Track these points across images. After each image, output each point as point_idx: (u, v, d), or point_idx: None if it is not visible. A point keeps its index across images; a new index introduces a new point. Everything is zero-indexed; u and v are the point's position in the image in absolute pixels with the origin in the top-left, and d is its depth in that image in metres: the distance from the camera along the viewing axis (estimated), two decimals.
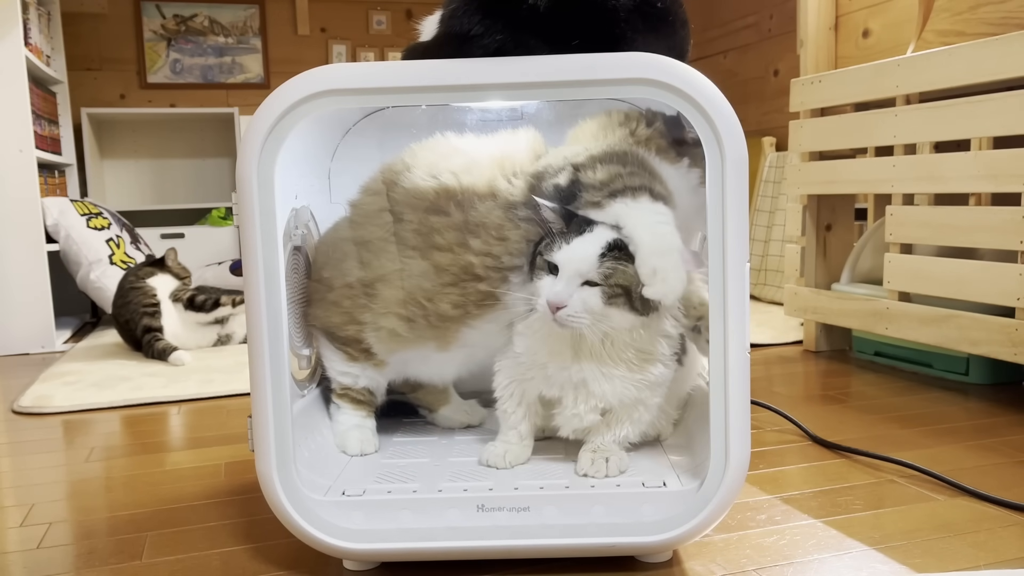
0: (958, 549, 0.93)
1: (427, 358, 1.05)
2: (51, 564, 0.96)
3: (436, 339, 1.01)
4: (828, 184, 1.93)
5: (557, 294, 0.88)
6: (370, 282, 1.01)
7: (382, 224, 1.01)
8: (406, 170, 1.01)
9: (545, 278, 0.90)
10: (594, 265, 0.88)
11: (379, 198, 1.03)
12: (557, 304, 0.87)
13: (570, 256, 0.88)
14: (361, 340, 1.04)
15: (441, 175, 0.99)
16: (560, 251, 0.89)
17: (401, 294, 0.99)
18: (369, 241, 1.02)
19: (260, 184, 0.83)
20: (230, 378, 1.90)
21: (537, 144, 1.03)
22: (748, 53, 3.34)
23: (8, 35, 2.36)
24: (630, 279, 0.88)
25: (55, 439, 1.50)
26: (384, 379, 1.09)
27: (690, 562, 0.91)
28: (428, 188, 0.99)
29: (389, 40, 3.91)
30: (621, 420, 0.96)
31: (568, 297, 0.87)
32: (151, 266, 2.31)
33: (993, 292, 1.49)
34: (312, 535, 0.86)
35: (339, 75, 0.82)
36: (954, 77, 1.57)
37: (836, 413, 1.50)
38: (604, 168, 0.92)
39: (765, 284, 2.84)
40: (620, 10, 0.85)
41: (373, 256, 1.01)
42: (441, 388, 1.17)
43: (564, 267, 0.88)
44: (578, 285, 0.88)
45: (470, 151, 1.02)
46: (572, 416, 0.96)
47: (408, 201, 1.00)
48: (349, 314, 1.03)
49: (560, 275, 0.89)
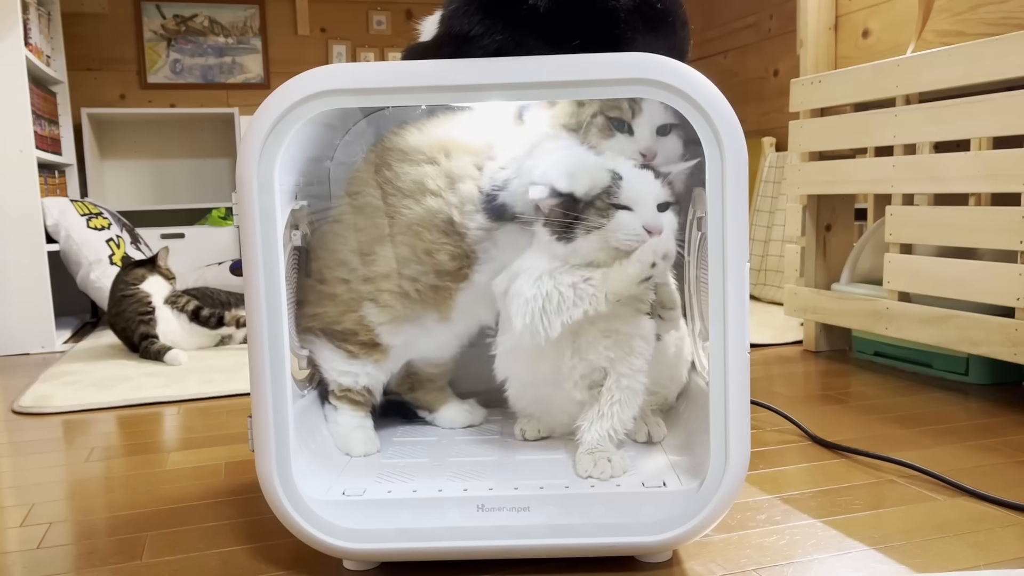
0: (958, 549, 0.93)
1: (430, 331, 1.06)
2: (51, 564, 0.96)
3: (437, 306, 1.03)
4: (828, 184, 1.93)
5: (655, 218, 0.89)
6: (368, 248, 1.02)
7: (374, 186, 1.04)
8: (394, 134, 1.06)
9: (619, 214, 0.90)
10: (661, 187, 0.90)
11: (369, 166, 1.05)
12: (659, 228, 0.89)
13: (642, 185, 0.90)
14: (359, 331, 1.04)
15: (428, 129, 1.04)
16: (629, 187, 0.90)
17: (403, 251, 1.01)
18: (364, 206, 1.04)
19: (260, 184, 0.83)
20: (230, 378, 1.90)
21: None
22: (748, 53, 3.34)
23: (8, 35, 2.36)
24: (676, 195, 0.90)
25: (55, 439, 1.50)
26: (384, 375, 1.09)
27: (690, 562, 0.91)
28: (419, 141, 1.03)
29: (389, 40, 3.91)
30: (612, 401, 0.97)
31: (662, 221, 0.89)
32: (141, 267, 2.29)
33: (993, 292, 1.49)
34: (312, 535, 0.86)
35: (339, 75, 0.82)
36: (954, 77, 1.57)
37: (836, 413, 1.50)
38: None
39: (765, 284, 2.84)
40: (620, 10, 0.86)
41: (369, 222, 1.03)
42: (440, 387, 1.17)
43: (643, 197, 0.89)
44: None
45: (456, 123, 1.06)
46: (566, 399, 0.98)
47: (398, 156, 1.03)
48: (346, 302, 1.04)
49: (640, 205, 0.90)
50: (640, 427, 1.05)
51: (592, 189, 0.90)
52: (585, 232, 0.90)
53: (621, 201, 0.90)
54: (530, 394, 1.05)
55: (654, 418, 1.08)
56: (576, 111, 1.00)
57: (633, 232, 0.89)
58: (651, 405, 1.08)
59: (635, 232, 0.89)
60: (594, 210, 0.90)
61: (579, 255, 0.92)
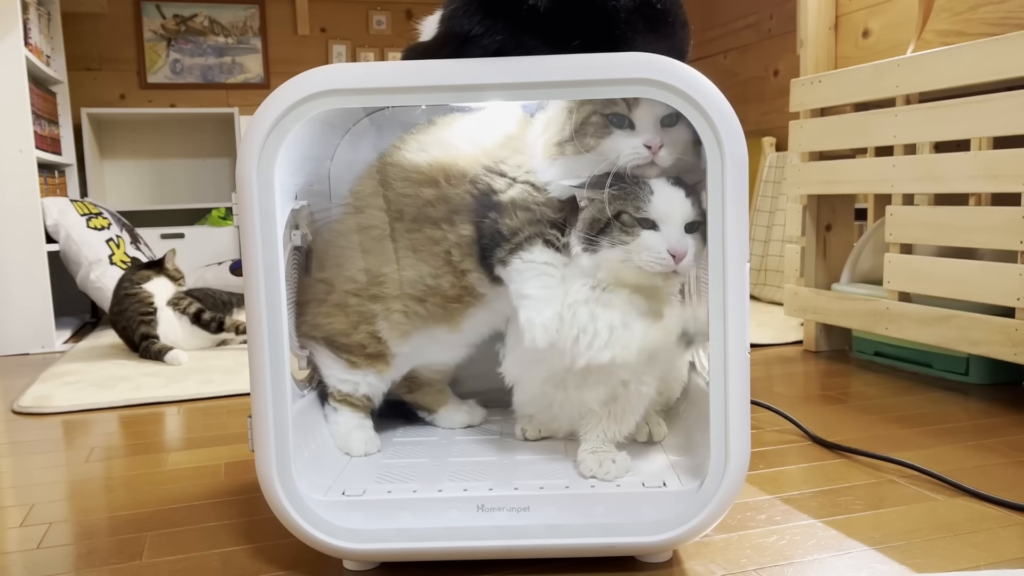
0: (958, 549, 0.93)
1: (439, 341, 1.06)
2: (51, 564, 0.96)
3: (447, 321, 1.03)
4: (828, 184, 1.93)
5: (679, 241, 0.87)
6: (376, 270, 1.02)
7: (380, 206, 1.03)
8: (396, 149, 1.04)
9: (644, 233, 0.89)
10: (691, 206, 0.88)
11: (373, 180, 1.04)
12: (683, 253, 0.87)
13: (672, 203, 0.88)
14: (368, 344, 1.04)
15: (430, 149, 1.01)
16: (658, 202, 0.88)
17: (410, 274, 1.01)
18: (370, 227, 1.03)
19: (260, 184, 0.83)
20: (230, 378, 1.90)
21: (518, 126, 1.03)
22: (748, 53, 3.34)
23: (8, 35, 2.36)
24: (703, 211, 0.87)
25: (55, 439, 1.50)
26: (385, 385, 1.08)
27: (690, 562, 0.91)
28: (419, 161, 1.01)
29: (389, 40, 3.91)
30: (623, 404, 0.96)
31: (687, 245, 0.88)
32: (148, 269, 2.30)
33: (993, 292, 1.49)
34: (312, 535, 0.86)
35: (339, 75, 0.82)
36: (954, 77, 1.57)
37: (836, 413, 1.50)
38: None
39: (765, 284, 2.84)
40: (620, 10, 0.85)
41: (376, 243, 1.02)
42: (439, 388, 1.17)
43: (670, 216, 0.88)
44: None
45: (458, 131, 1.04)
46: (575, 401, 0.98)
47: (401, 175, 1.02)
48: (357, 314, 1.03)
49: (666, 225, 0.88)
50: (641, 427, 1.05)
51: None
52: (610, 245, 0.90)
53: (649, 216, 0.89)
54: (539, 399, 1.05)
55: (655, 418, 1.08)
56: (566, 122, 0.94)
57: (657, 255, 0.88)
58: (654, 405, 1.08)
59: (659, 255, 0.88)
60: (620, 224, 0.90)
61: (604, 269, 0.91)
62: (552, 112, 0.97)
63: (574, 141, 0.91)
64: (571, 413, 1.01)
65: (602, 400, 0.96)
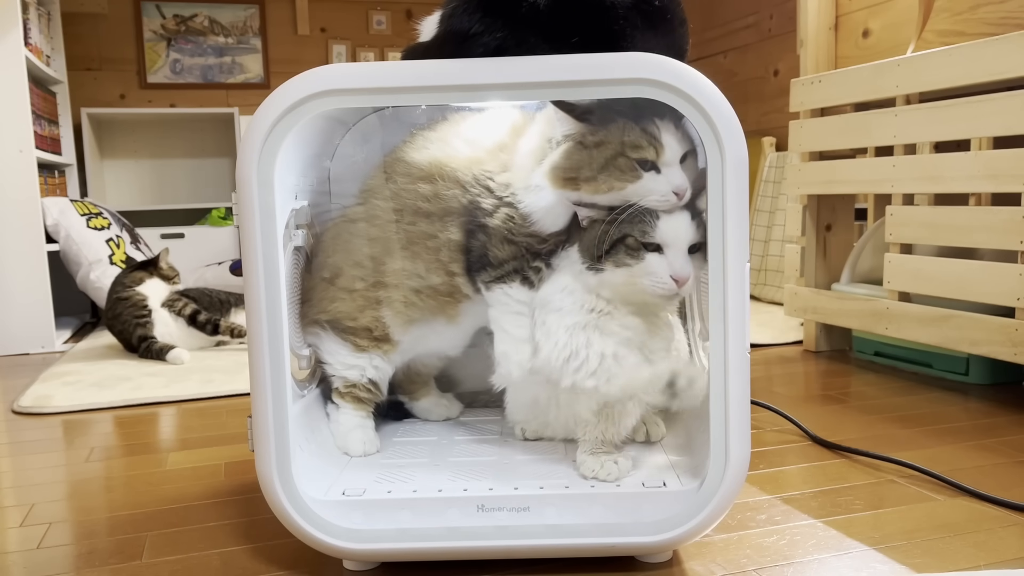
0: (958, 549, 0.93)
1: (438, 332, 1.08)
2: (51, 564, 0.96)
3: (444, 312, 1.05)
4: (828, 184, 1.93)
5: (683, 267, 0.89)
6: (380, 257, 1.04)
7: (386, 197, 1.05)
8: (404, 144, 1.07)
9: (649, 256, 0.90)
10: (695, 229, 0.90)
11: (382, 174, 1.07)
12: (687, 278, 0.89)
13: (678, 228, 0.89)
14: (374, 328, 1.06)
15: (431, 145, 1.03)
16: (664, 227, 0.89)
17: (408, 266, 1.03)
18: (375, 216, 1.05)
19: (260, 184, 0.83)
20: (230, 378, 1.90)
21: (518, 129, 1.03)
22: (748, 53, 3.34)
23: (8, 35, 2.36)
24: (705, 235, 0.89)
25: (55, 439, 1.50)
26: (391, 367, 1.09)
27: (690, 562, 0.91)
28: (419, 157, 1.03)
29: (389, 40, 3.91)
30: (622, 407, 0.96)
31: (690, 269, 0.90)
32: (141, 270, 2.29)
33: (993, 292, 1.49)
34: (312, 535, 0.86)
35: (339, 75, 0.82)
36: (954, 77, 1.57)
37: (836, 413, 1.50)
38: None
39: (765, 284, 2.84)
40: (619, 8, 0.86)
41: (381, 232, 1.04)
42: (424, 381, 1.19)
43: (675, 241, 0.89)
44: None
45: (458, 131, 1.05)
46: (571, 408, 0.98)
47: (404, 169, 1.04)
48: (364, 298, 1.05)
49: (671, 249, 0.89)
50: (640, 427, 1.05)
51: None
52: (615, 267, 0.91)
53: (654, 240, 0.90)
54: (532, 407, 1.05)
55: (653, 418, 1.07)
56: (577, 158, 0.90)
57: (660, 280, 0.90)
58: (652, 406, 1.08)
59: (662, 281, 0.89)
60: (625, 247, 0.90)
61: (608, 287, 0.93)
62: (555, 133, 0.94)
63: (596, 180, 0.89)
64: (565, 422, 1.02)
65: (594, 410, 0.96)
